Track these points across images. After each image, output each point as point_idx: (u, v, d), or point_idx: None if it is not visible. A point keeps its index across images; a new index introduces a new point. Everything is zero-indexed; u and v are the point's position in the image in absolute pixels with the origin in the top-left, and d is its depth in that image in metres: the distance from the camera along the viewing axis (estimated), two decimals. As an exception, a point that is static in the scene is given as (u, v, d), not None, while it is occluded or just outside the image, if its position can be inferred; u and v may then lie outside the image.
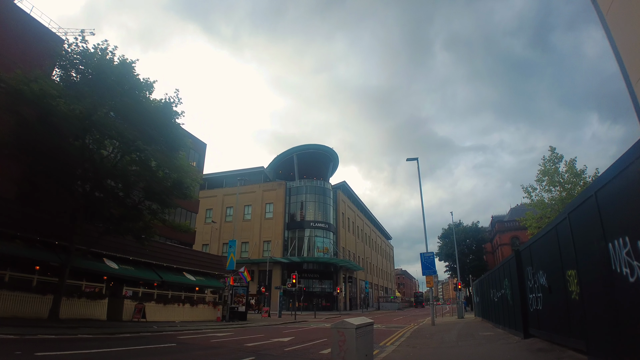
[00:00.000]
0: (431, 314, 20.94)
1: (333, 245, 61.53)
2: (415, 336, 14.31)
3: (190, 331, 17.02)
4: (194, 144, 40.26)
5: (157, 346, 11.10)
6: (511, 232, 54.37)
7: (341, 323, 5.28)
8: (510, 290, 11.92)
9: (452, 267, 53.95)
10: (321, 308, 56.30)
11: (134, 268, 23.54)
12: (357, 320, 5.61)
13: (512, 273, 11.29)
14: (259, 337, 14.41)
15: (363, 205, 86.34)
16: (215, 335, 15.23)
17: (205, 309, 26.75)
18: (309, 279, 58.41)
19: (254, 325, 22.34)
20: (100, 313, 20.33)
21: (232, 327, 20.16)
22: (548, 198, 28.53)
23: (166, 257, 26.63)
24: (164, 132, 17.17)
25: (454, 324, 20.66)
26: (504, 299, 12.99)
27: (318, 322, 26.59)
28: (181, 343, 12.12)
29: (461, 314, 29.36)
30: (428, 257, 21.30)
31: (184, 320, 24.61)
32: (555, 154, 28.15)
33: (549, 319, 8.27)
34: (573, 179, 27.21)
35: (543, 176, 28.42)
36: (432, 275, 21.34)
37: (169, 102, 16.95)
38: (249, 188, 64.03)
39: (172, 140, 17.45)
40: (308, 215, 60.24)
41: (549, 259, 8.02)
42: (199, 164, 40.63)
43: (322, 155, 66.54)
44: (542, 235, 8.52)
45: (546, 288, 8.20)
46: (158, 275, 24.62)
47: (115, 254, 22.67)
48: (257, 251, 59.19)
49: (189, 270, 28.06)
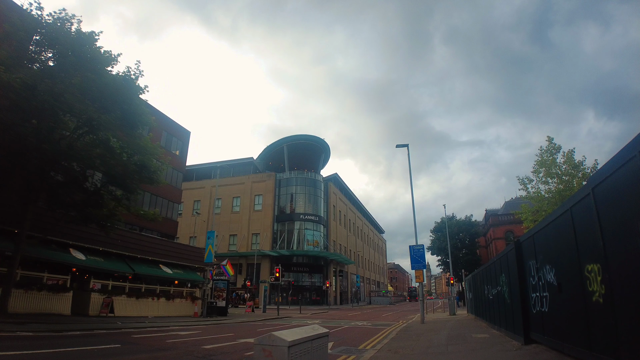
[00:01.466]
0: (421, 311, 19.50)
1: (324, 239, 60.06)
2: (400, 337, 12.84)
3: (154, 328, 15.45)
4: (176, 131, 38.50)
5: (99, 347, 9.52)
6: (505, 225, 53.14)
7: (268, 338, 3.65)
8: (508, 287, 10.45)
9: (444, 261, 52.71)
10: (311, 302, 54.94)
11: (103, 259, 21.94)
12: (296, 333, 3.98)
13: (511, 268, 9.81)
14: (226, 337, 12.87)
15: (355, 198, 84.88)
16: (178, 334, 13.67)
17: (182, 303, 25.18)
18: (298, 273, 57.00)
19: (230, 322, 20.81)
20: (64, 307, 18.68)
21: (204, 324, 18.62)
22: (545, 190, 27.30)
23: (141, 248, 25.01)
24: (125, 108, 15.43)
25: (445, 322, 19.26)
26: (501, 297, 11.53)
27: (302, 318, 25.12)
28: (130, 343, 10.55)
29: (453, 311, 28.02)
30: (418, 249, 19.83)
31: (158, 315, 23.07)
32: (553, 144, 26.86)
33: (557, 323, 6.78)
34: (571, 171, 25.94)
35: (540, 167, 27.17)
36: (421, 269, 19.87)
37: (129, 75, 15.19)
38: (238, 179, 62.32)
39: (134, 117, 15.69)
40: (298, 207, 58.66)
41: (559, 251, 6.51)
42: (182, 152, 38.90)
43: (313, 146, 64.82)
44: (551, 221, 6.99)
45: (554, 286, 6.70)
46: (130, 268, 23.02)
47: (83, 245, 21.04)
48: (246, 244, 57.61)
49: (166, 263, 26.47)
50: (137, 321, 18.19)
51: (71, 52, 14.76)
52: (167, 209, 35.86)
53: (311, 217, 58.26)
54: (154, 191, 34.00)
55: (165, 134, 36.61)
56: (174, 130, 37.89)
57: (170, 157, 36.70)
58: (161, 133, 35.94)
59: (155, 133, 35.09)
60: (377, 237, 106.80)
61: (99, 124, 14.53)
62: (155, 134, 35.11)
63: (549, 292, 7.12)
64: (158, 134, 35.40)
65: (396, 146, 21.88)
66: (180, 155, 38.69)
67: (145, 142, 16.90)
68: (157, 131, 35.33)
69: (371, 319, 24.75)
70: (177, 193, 37.33)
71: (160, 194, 34.93)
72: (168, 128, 36.93)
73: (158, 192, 34.52)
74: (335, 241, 64.50)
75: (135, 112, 15.99)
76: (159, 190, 34.72)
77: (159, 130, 35.64)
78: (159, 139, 35.52)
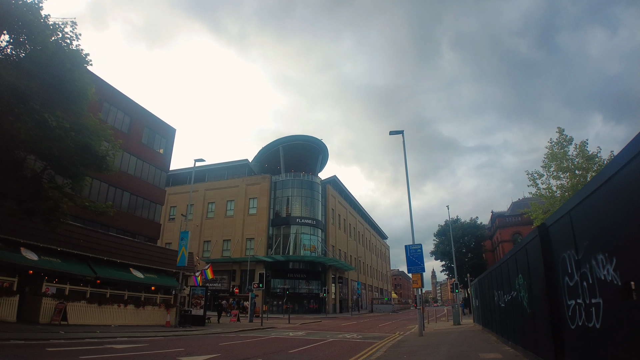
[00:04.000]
0: (419, 321, 16.70)
1: (321, 244, 57.21)
2: (388, 356, 10.11)
3: (95, 340, 12.85)
4: (160, 128, 36.03)
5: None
6: (513, 227, 50.03)
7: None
8: (527, 292, 7.76)
9: (449, 266, 49.72)
10: (308, 311, 52.01)
11: (60, 261, 19.43)
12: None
13: (533, 265, 7.13)
14: (165, 354, 10.21)
15: (356, 202, 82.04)
16: (113, 347, 11.04)
17: (154, 311, 22.56)
18: (294, 279, 54.14)
19: (198, 333, 18.10)
20: (8, 313, 16.22)
21: (162, 335, 15.97)
22: (557, 186, 24.68)
23: (107, 249, 22.46)
24: (65, 78, 12.93)
25: (447, 335, 16.47)
26: (517, 305, 8.82)
27: (287, 329, 22.34)
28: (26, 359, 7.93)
29: (457, 320, 25.16)
30: (415, 250, 17.09)
31: (125, 324, 20.52)
32: (564, 136, 24.33)
33: (623, 347, 4.08)
34: (585, 164, 23.32)
35: (550, 161, 24.60)
36: (419, 272, 17.10)
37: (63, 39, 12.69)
38: (232, 182, 59.81)
39: (73, 89, 13.16)
40: (294, 211, 55.93)
41: (627, 228, 3.84)
42: (166, 150, 36.43)
43: (310, 147, 62.17)
44: (606, 181, 4.31)
45: (617, 287, 4.02)
46: (92, 271, 20.47)
47: (37, 243, 18.55)
48: (240, 249, 54.88)
49: (138, 266, 23.89)
50: (87, 330, 15.59)
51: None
52: (148, 210, 33.33)
53: (308, 220, 55.49)
54: (133, 190, 31.56)
55: (147, 130, 34.18)
56: (157, 127, 35.44)
57: (151, 154, 34.41)
58: (142, 129, 33.54)
59: (135, 128, 32.76)
60: (379, 242, 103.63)
61: (26, 95, 12.04)
62: (135, 129, 32.78)
63: (603, 296, 4.43)
64: (138, 129, 33.05)
65: (390, 133, 19.27)
66: (165, 153, 36.22)
67: (89, 120, 14.35)
68: (137, 127, 32.99)
69: (364, 330, 21.97)
70: (160, 193, 34.81)
71: (141, 193, 32.45)
72: (150, 124, 34.50)
73: (138, 191, 32.07)
74: (334, 246, 61.62)
75: (75, 84, 13.49)
76: (139, 190, 32.26)
77: (139, 126, 33.28)
78: (139, 135, 33.16)
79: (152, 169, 34.22)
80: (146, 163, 33.45)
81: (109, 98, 30.49)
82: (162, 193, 35.31)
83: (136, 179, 32.03)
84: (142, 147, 33.24)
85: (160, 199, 34.94)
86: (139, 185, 32.17)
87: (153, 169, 34.37)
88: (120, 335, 14.91)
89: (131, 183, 31.40)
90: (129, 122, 32.41)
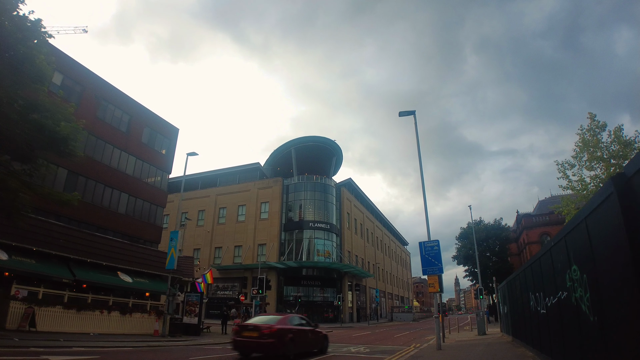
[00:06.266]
0: (436, 332, 14.04)
1: (336, 249, 54.54)
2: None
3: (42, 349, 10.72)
4: (162, 128, 34.38)
5: None
6: (541, 227, 46.11)
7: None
8: (588, 290, 5.21)
9: (472, 271, 46.33)
10: (323, 320, 49.24)
11: (35, 261, 17.59)
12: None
13: (602, 246, 4.62)
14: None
15: (374, 207, 79.11)
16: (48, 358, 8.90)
17: (143, 319, 20.53)
18: (308, 287, 51.54)
19: (182, 344, 15.89)
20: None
21: (135, 347, 13.83)
22: (590, 177, 21.81)
23: (93, 251, 20.62)
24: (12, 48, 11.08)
25: (471, 348, 13.77)
26: (568, 310, 6.24)
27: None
28: None
29: (482, 329, 22.23)
30: (431, 247, 14.47)
31: (107, 332, 18.55)
32: (596, 121, 21.55)
33: None
34: (622, 151, 20.41)
35: (582, 150, 21.83)
36: (436, 274, 14.44)
37: None
38: (244, 186, 57.94)
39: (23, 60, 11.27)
40: (307, 215, 53.50)
41: None
42: (169, 151, 34.74)
43: (323, 148, 59.91)
44: None
45: None
46: (71, 273, 18.57)
47: (9, 242, 16.76)
48: (252, 256, 52.75)
49: (127, 270, 21.93)
50: (49, 338, 13.61)
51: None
52: (148, 213, 31.58)
53: (322, 225, 52.98)
54: (132, 192, 29.91)
55: (148, 129, 32.61)
56: (159, 127, 33.85)
57: (152, 154, 32.73)
58: (142, 128, 31.98)
59: (135, 127, 31.17)
60: (400, 248, 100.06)
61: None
62: (135, 128, 31.18)
63: None
64: (138, 128, 31.50)
65: (399, 114, 16.79)
66: (167, 154, 34.53)
67: (44, 97, 12.44)
68: (137, 126, 31.44)
69: (376, 342, 19.34)
70: (161, 195, 33.07)
71: (141, 195, 30.76)
72: (151, 123, 32.93)
73: (137, 193, 30.39)
74: (350, 252, 58.86)
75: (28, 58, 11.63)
76: (139, 192, 30.59)
77: (139, 125, 31.73)
78: (139, 134, 31.58)
79: (152, 170, 32.58)
80: (146, 163, 31.83)
81: (107, 96, 29.16)
82: (164, 195, 33.56)
83: (135, 180, 30.40)
84: (142, 147, 31.65)
85: (162, 201, 33.19)
86: (138, 186, 30.53)
87: (154, 169, 32.73)
88: (83, 344, 12.85)
89: (130, 184, 29.77)
90: (127, 120, 30.93)
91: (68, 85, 26.62)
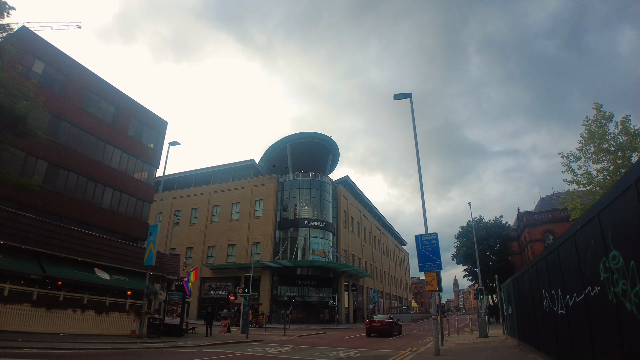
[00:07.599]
0: (434, 335, 12.69)
1: (332, 248, 53.17)
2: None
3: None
4: (149, 120, 32.93)
5: None
6: (543, 225, 44.69)
7: None
8: (635, 281, 3.85)
9: (471, 271, 45.00)
10: (318, 321, 47.85)
11: (2, 256, 16.23)
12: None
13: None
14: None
15: (372, 205, 77.73)
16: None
17: (121, 319, 19.15)
18: (303, 287, 50.11)
19: (155, 346, 14.53)
20: None
21: (97, 348, 12.47)
22: (597, 170, 20.57)
23: (67, 245, 19.22)
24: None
25: (475, 354, 12.43)
26: (604, 308, 4.90)
27: (275, 344, 18.50)
28: None
29: (484, 331, 20.88)
30: (428, 241, 13.13)
31: (80, 332, 17.20)
32: (602, 112, 20.34)
33: None
34: (630, 142, 19.17)
35: (588, 142, 20.57)
36: (434, 270, 13.08)
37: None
38: (238, 184, 56.54)
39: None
40: (302, 212, 52.11)
41: None
42: (157, 144, 33.33)
43: (319, 145, 58.53)
44: None
45: None
46: (41, 269, 17.17)
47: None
48: (245, 254, 51.32)
49: (105, 267, 20.53)
50: (6, 338, 12.24)
51: None
52: (134, 208, 30.18)
53: (317, 223, 51.60)
54: (117, 186, 28.52)
55: (135, 121, 31.26)
56: (147, 119, 32.47)
57: (139, 147, 31.35)
58: (128, 120, 30.60)
59: (120, 119, 29.78)
60: (398, 248, 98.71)
61: None
62: (120, 120, 29.79)
63: None
64: (124, 120, 30.13)
65: (394, 97, 15.44)
66: (155, 148, 33.13)
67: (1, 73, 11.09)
68: (123, 117, 30.07)
69: (370, 345, 17.96)
70: (148, 190, 31.68)
71: (126, 189, 29.37)
72: (138, 115, 31.57)
73: (123, 187, 29.00)
74: (347, 251, 57.48)
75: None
76: (124, 186, 29.19)
77: (126, 116, 30.36)
78: (125, 126, 30.20)
79: (139, 164, 31.20)
80: (132, 157, 30.46)
81: (91, 86, 27.91)
82: (151, 190, 32.19)
83: (120, 173, 29.03)
84: (128, 139, 30.30)
85: (149, 196, 31.80)
86: (123, 180, 29.16)
87: (141, 163, 31.35)
88: (40, 346, 11.50)
89: (114, 178, 28.41)
90: (113, 111, 29.61)
91: (50, 74, 25.47)
